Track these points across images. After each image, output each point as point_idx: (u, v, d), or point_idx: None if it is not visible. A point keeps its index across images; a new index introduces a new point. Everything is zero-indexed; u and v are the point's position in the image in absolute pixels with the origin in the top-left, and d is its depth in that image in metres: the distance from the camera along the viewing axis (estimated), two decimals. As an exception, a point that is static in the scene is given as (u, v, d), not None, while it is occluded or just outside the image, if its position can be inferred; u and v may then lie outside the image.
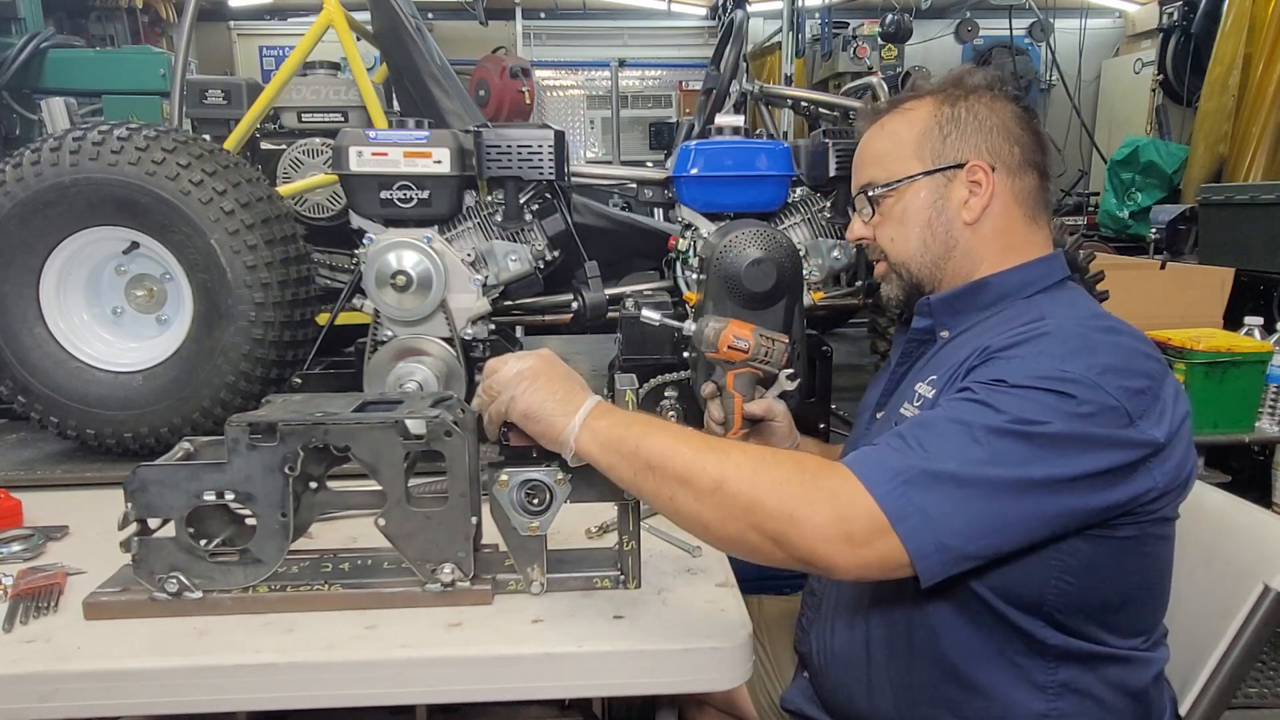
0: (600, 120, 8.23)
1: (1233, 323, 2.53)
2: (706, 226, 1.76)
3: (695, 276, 1.71)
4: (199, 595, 1.08)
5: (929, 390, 1.07)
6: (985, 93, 1.16)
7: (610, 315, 1.83)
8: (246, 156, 2.28)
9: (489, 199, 1.75)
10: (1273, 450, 2.25)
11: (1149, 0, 7.17)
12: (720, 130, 1.80)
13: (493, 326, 1.77)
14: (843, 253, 1.79)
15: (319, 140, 2.33)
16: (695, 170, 1.74)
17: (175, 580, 1.07)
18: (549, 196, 1.78)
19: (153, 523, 1.10)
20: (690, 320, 1.53)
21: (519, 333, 1.96)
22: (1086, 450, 0.88)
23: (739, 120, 1.81)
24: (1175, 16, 5.83)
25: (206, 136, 1.90)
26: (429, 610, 1.09)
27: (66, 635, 1.04)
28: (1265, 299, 3.32)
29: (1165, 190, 5.24)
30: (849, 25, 6.33)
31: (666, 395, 1.73)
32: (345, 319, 1.87)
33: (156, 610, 1.08)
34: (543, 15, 8.10)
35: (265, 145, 2.35)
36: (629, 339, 1.72)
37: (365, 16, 2.27)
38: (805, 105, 2.50)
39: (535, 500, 1.11)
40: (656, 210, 2.00)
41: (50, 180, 1.52)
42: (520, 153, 1.68)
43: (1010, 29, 6.99)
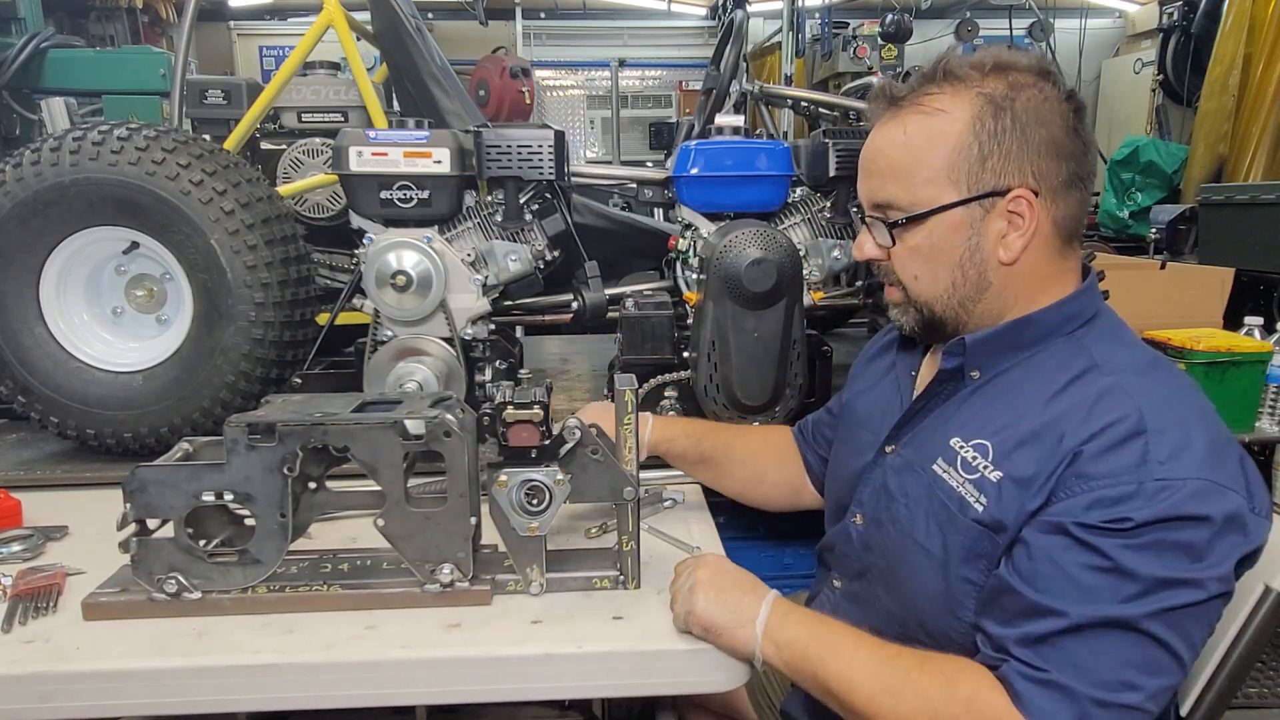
0: (600, 120, 8.23)
1: (1233, 323, 2.53)
2: (706, 226, 1.76)
3: (695, 276, 1.71)
4: (198, 596, 1.08)
5: (980, 460, 0.97)
6: (1034, 91, 0.97)
7: (610, 315, 1.83)
8: (246, 156, 2.28)
9: (489, 199, 1.75)
10: (1273, 450, 2.25)
11: (1149, 0, 7.17)
12: (720, 130, 1.80)
13: (493, 326, 1.77)
14: (843, 253, 1.78)
15: (319, 140, 2.33)
16: (695, 170, 1.74)
17: (174, 581, 1.07)
18: (549, 196, 1.78)
19: (152, 523, 1.10)
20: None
21: (519, 333, 1.96)
22: (1233, 559, 0.86)
23: (739, 120, 1.81)
24: (1175, 16, 5.83)
25: (206, 136, 1.90)
26: (428, 610, 1.09)
27: (66, 636, 1.04)
28: (1265, 299, 3.32)
29: (1165, 190, 5.24)
30: (849, 25, 6.34)
31: (666, 395, 1.73)
32: (345, 319, 1.87)
33: (155, 611, 1.08)
34: (543, 15, 8.10)
35: (265, 145, 2.35)
36: (629, 339, 1.72)
37: (365, 16, 2.27)
38: (805, 105, 2.50)
39: (534, 501, 1.10)
40: (656, 210, 2.00)
41: (50, 180, 1.52)
42: (520, 153, 1.68)
43: (1010, 29, 6.99)
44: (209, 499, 1.07)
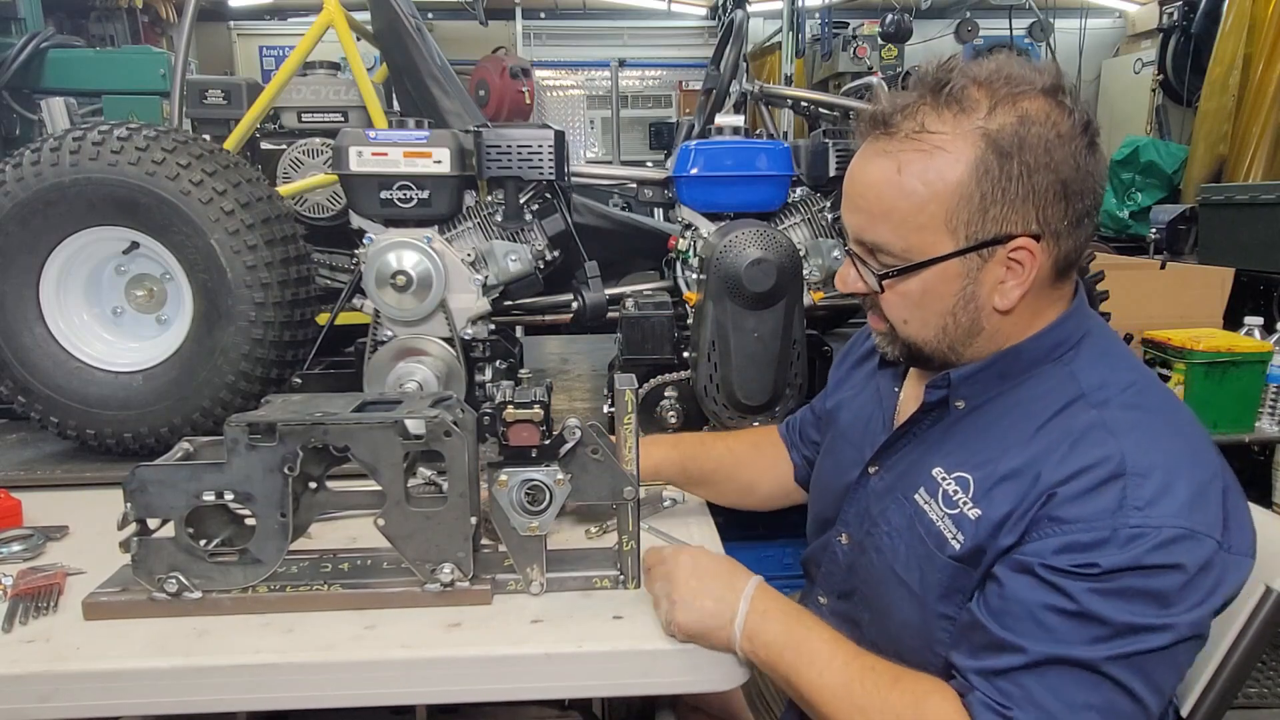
0: (600, 120, 8.24)
1: (1233, 323, 2.53)
2: (706, 226, 1.76)
3: (695, 276, 1.71)
4: (198, 595, 1.08)
5: (960, 494, 0.96)
6: (1044, 126, 0.88)
7: (610, 315, 1.83)
8: (246, 156, 2.28)
9: (489, 199, 1.75)
10: (1273, 450, 2.25)
11: (1149, 0, 7.17)
12: (720, 130, 1.80)
13: (493, 326, 1.77)
14: (842, 253, 1.78)
15: (319, 140, 2.32)
16: (695, 170, 1.74)
17: (175, 580, 1.07)
18: (549, 196, 1.78)
19: (152, 523, 1.10)
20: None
21: (519, 333, 1.96)
22: (1207, 605, 0.85)
23: (739, 120, 1.81)
24: (1175, 16, 5.83)
25: (206, 136, 1.90)
26: (429, 610, 1.09)
27: (66, 635, 1.04)
28: (1265, 299, 3.33)
29: (1165, 190, 5.25)
30: (849, 25, 6.35)
31: (666, 395, 1.73)
32: (345, 319, 1.86)
33: (156, 610, 1.08)
34: (543, 15, 8.11)
35: (265, 145, 2.35)
36: (629, 339, 1.72)
37: (365, 16, 2.27)
38: (805, 105, 2.50)
39: (535, 500, 1.10)
40: (656, 210, 2.00)
41: (50, 180, 1.52)
42: (520, 153, 1.68)
43: (1010, 29, 7.00)
44: (209, 499, 1.07)
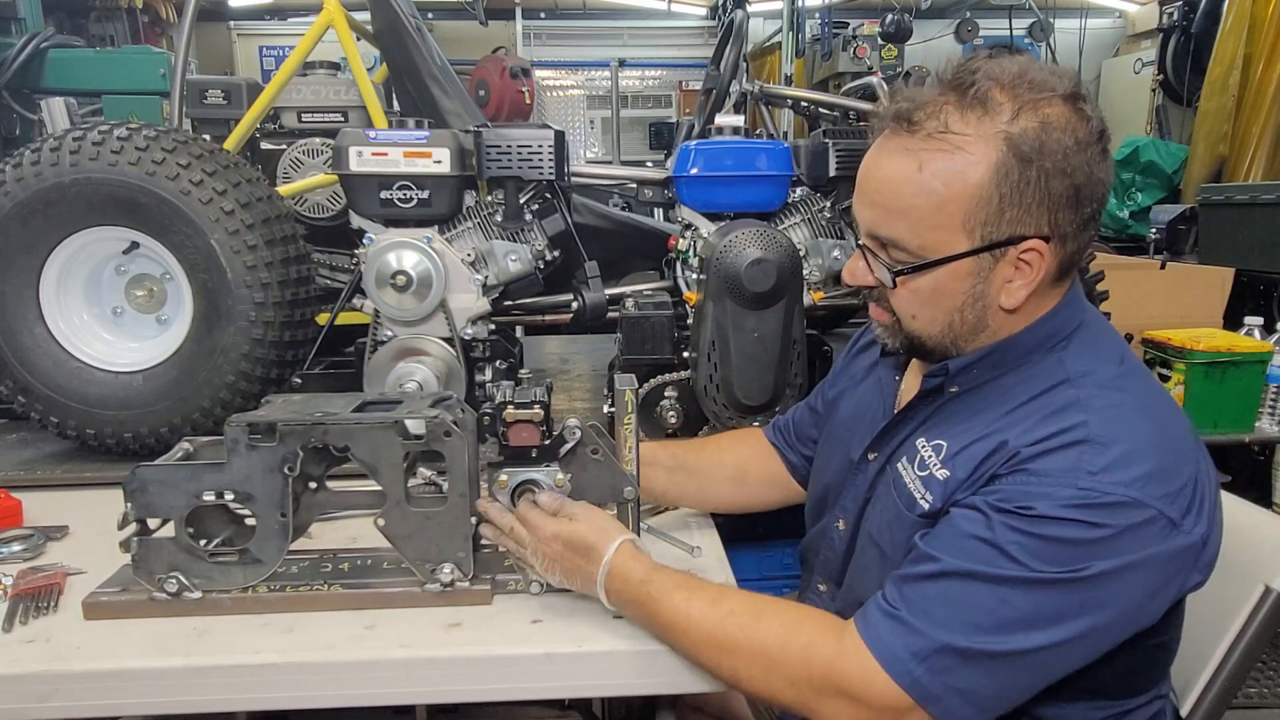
0: (600, 120, 8.24)
1: (1233, 323, 2.53)
2: (706, 226, 1.75)
3: (695, 276, 1.71)
4: (198, 595, 1.08)
5: (933, 458, 0.99)
6: (1064, 133, 0.90)
7: (610, 315, 1.83)
8: (246, 156, 2.28)
9: (489, 199, 1.75)
10: (1273, 450, 2.25)
11: (1149, 0, 7.17)
12: (720, 130, 1.80)
13: (493, 326, 1.77)
14: (843, 253, 1.78)
15: (319, 140, 2.32)
16: (695, 170, 1.74)
17: (175, 580, 1.08)
18: (549, 196, 1.78)
19: (152, 523, 1.10)
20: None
21: (519, 333, 1.96)
22: (1128, 579, 0.84)
23: (739, 120, 1.80)
24: (1175, 16, 5.83)
25: (206, 136, 1.90)
26: (429, 610, 1.09)
27: (66, 635, 1.04)
28: (1265, 299, 3.33)
29: (1165, 190, 5.25)
30: (849, 25, 6.35)
31: (666, 395, 1.73)
32: (345, 319, 1.86)
33: (156, 610, 1.08)
34: (543, 15, 8.11)
35: (265, 145, 2.35)
36: (629, 339, 1.72)
37: (365, 16, 2.27)
38: (805, 105, 2.50)
39: (534, 501, 1.10)
40: (656, 210, 2.00)
41: (50, 180, 1.52)
42: (520, 153, 1.68)
43: (1010, 29, 7.00)
44: (209, 499, 1.07)
